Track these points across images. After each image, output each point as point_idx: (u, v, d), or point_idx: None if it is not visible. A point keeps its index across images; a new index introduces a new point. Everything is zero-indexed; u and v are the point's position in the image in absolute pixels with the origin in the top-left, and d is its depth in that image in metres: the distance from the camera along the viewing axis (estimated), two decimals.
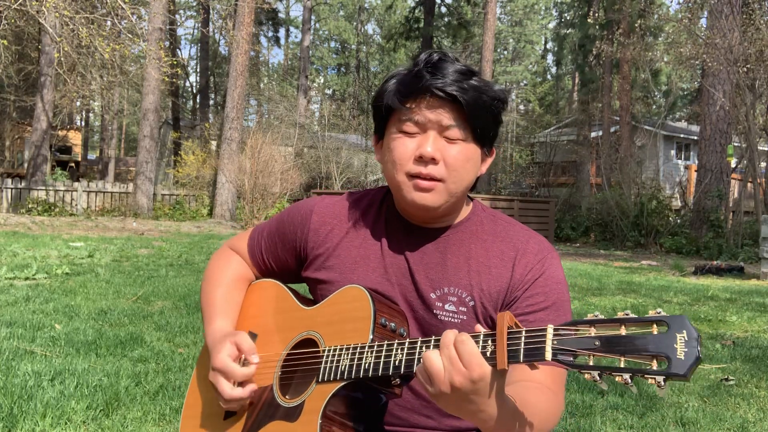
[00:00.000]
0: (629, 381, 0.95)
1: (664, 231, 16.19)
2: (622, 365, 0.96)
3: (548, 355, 1.01)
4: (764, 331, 5.73)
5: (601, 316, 1.01)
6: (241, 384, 1.37)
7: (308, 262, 1.47)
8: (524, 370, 1.07)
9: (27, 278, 6.63)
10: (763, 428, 3.26)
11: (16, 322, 4.65)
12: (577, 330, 1.01)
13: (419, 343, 1.18)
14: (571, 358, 1.00)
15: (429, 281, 1.38)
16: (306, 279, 1.50)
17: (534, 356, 1.03)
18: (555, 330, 1.03)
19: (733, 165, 16.51)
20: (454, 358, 1.07)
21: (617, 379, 0.96)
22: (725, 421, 3.30)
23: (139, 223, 15.55)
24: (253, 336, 1.47)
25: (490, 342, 1.07)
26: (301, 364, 1.35)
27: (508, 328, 1.06)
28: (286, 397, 1.33)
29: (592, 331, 1.00)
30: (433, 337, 1.17)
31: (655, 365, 0.94)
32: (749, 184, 16.28)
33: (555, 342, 1.01)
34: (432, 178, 1.31)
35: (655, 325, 0.97)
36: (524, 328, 1.06)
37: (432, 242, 1.40)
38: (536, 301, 1.35)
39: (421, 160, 1.30)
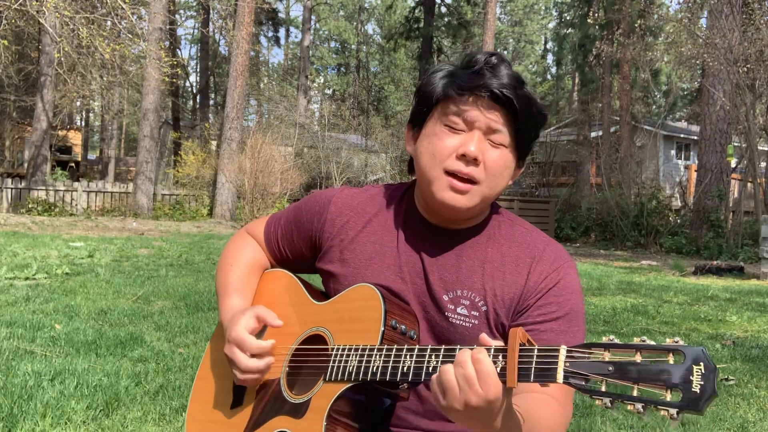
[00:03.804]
0: (642, 410, 0.94)
1: (664, 231, 16.19)
2: (635, 393, 0.94)
3: (560, 377, 0.99)
4: (764, 331, 5.73)
5: (616, 341, 0.98)
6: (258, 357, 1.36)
7: (322, 252, 1.46)
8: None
9: (27, 278, 6.63)
10: (763, 428, 3.26)
11: (16, 322, 4.65)
12: (591, 353, 0.99)
13: (429, 351, 1.16)
14: (583, 382, 0.98)
15: (442, 282, 1.36)
16: (319, 270, 1.48)
17: (545, 376, 1.01)
18: (568, 351, 1.00)
19: (733, 165, 16.51)
20: (471, 378, 1.05)
21: (629, 407, 0.94)
22: (725, 421, 3.30)
23: (139, 223, 15.54)
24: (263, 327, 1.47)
25: (500, 357, 1.06)
26: (309, 360, 1.35)
27: (520, 345, 1.04)
28: (293, 392, 1.33)
29: (606, 356, 0.97)
30: (443, 347, 1.15)
31: (669, 396, 0.92)
32: (749, 184, 16.28)
33: (567, 364, 0.99)
34: (470, 179, 1.28)
35: (671, 355, 0.94)
36: (536, 346, 1.04)
37: (448, 243, 1.38)
38: (549, 310, 1.32)
39: (463, 158, 1.27)
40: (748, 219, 15.74)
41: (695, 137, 23.20)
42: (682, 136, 28.48)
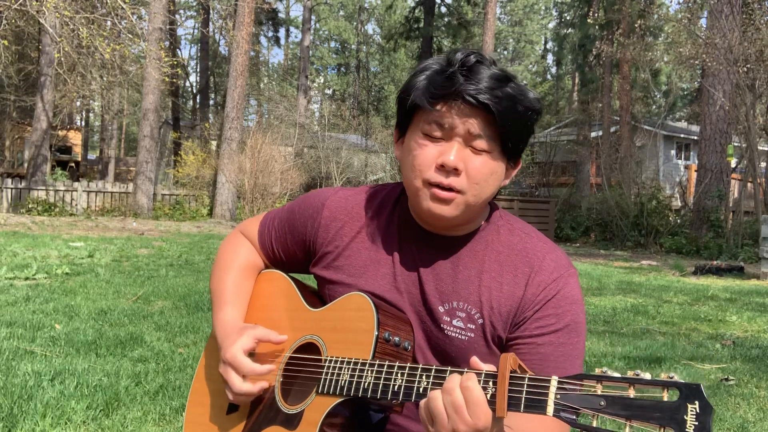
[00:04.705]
0: None
1: (664, 231, 16.19)
2: (627, 431, 0.91)
3: (550, 410, 0.97)
4: (764, 331, 5.73)
5: (610, 373, 0.96)
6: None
7: (317, 258, 1.44)
8: None
9: (27, 278, 6.63)
10: (763, 428, 3.25)
11: (16, 322, 4.65)
12: (583, 385, 0.96)
13: (420, 370, 1.14)
14: (574, 416, 0.95)
15: (438, 293, 1.32)
16: (314, 275, 1.46)
17: (535, 408, 0.98)
18: (560, 383, 0.98)
19: (733, 165, 16.51)
20: (460, 407, 1.03)
21: None
22: (725, 421, 3.30)
23: (139, 223, 15.54)
24: None
25: (491, 384, 1.03)
26: (302, 370, 1.34)
27: (511, 372, 1.01)
28: (287, 402, 1.33)
29: (599, 389, 0.95)
30: (434, 368, 1.13)
31: None
32: (749, 184, 16.28)
33: (558, 396, 0.97)
34: (452, 189, 1.23)
35: (666, 390, 0.91)
36: (528, 375, 1.01)
37: (445, 252, 1.33)
38: (548, 323, 1.27)
39: (442, 169, 1.22)
40: (748, 219, 15.73)
41: (695, 137, 23.20)
42: (682, 136, 28.48)
